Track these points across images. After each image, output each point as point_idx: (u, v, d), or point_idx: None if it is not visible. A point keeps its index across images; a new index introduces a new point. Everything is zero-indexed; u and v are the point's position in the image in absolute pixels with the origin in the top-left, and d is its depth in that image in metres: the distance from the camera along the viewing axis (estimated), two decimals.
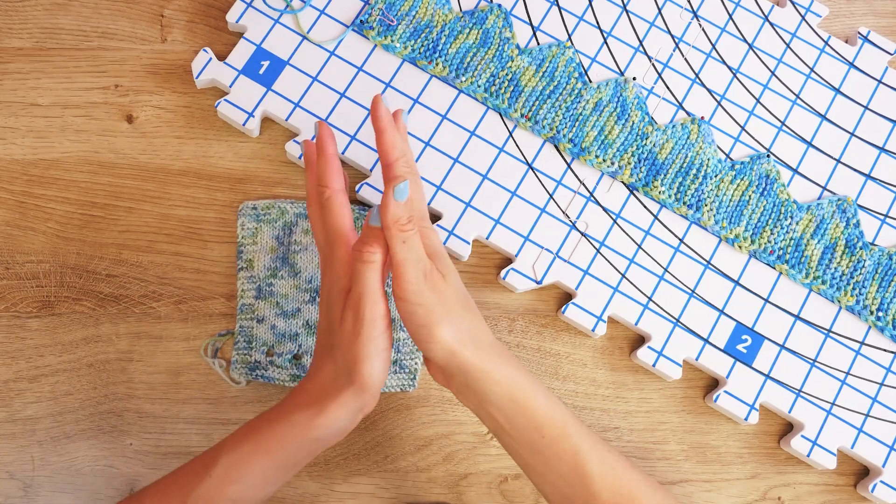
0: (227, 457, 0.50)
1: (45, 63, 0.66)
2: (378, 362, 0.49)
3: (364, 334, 0.49)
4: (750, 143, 0.65)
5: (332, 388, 0.50)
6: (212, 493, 0.49)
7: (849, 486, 0.62)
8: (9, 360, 0.61)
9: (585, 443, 0.50)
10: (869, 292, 0.63)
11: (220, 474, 0.49)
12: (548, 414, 0.50)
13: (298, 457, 0.51)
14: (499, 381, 0.50)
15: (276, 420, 0.50)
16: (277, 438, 0.50)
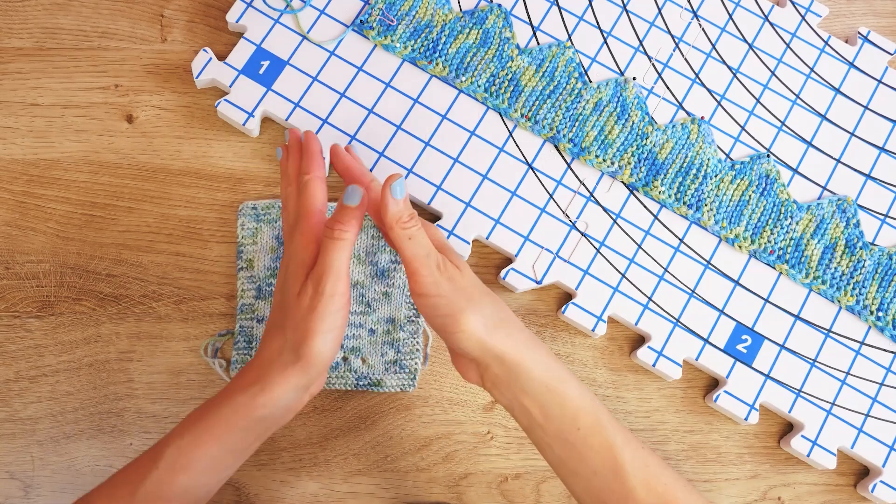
0: (174, 446, 0.49)
1: (45, 63, 0.66)
2: (329, 339, 0.48)
3: (320, 308, 0.48)
4: (750, 143, 0.65)
5: (277, 365, 0.49)
6: (161, 485, 0.48)
7: (849, 486, 0.62)
8: (9, 360, 0.61)
9: (620, 437, 0.49)
10: (869, 292, 0.63)
11: (168, 465, 0.48)
12: (582, 404, 0.49)
13: (247, 439, 0.50)
14: (533, 367, 0.49)
15: (221, 403, 0.49)
16: (223, 422, 0.49)
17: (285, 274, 0.51)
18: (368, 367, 0.61)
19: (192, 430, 0.49)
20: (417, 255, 0.49)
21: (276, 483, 0.60)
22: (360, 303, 0.62)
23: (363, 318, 0.62)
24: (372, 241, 0.62)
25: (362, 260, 0.62)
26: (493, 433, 0.62)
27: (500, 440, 0.62)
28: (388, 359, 0.61)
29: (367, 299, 0.62)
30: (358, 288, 0.62)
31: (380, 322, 0.62)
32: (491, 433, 0.62)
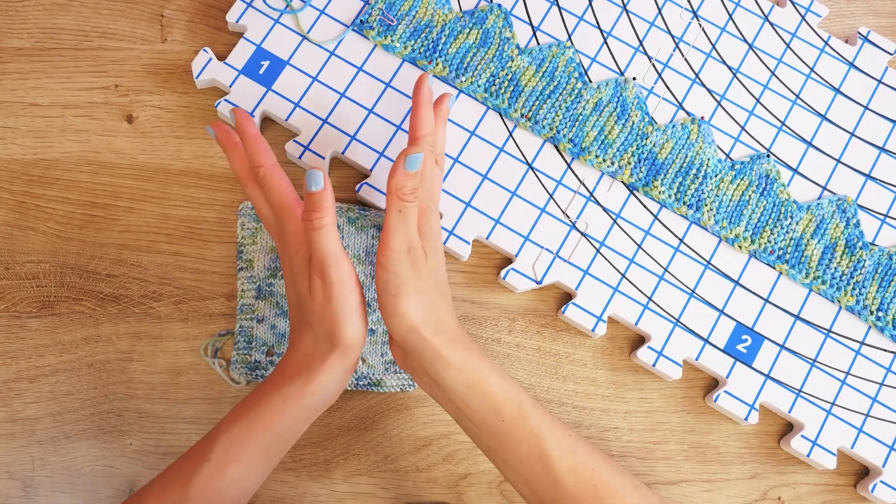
0: (224, 437, 0.49)
1: (45, 63, 0.66)
2: (355, 319, 0.50)
3: (335, 296, 0.49)
4: (750, 143, 0.65)
5: (316, 355, 0.50)
6: (213, 477, 0.49)
7: (849, 486, 0.62)
8: (9, 360, 0.61)
9: (545, 426, 0.50)
10: (869, 292, 0.63)
11: (220, 457, 0.49)
12: (505, 397, 0.50)
13: (295, 427, 0.51)
14: (453, 364, 0.50)
15: (268, 394, 0.50)
16: (272, 412, 0.50)
17: (291, 273, 0.52)
18: (368, 367, 0.61)
19: (242, 420, 0.50)
20: (396, 228, 0.50)
21: (276, 483, 0.60)
22: None
23: None
24: (372, 241, 0.62)
25: (362, 260, 0.62)
26: None
27: None
28: (388, 359, 0.61)
29: (367, 299, 0.62)
30: None
31: (380, 322, 0.61)
32: None
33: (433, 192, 0.55)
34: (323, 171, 0.49)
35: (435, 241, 0.53)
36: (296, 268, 0.51)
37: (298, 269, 0.51)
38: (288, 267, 0.52)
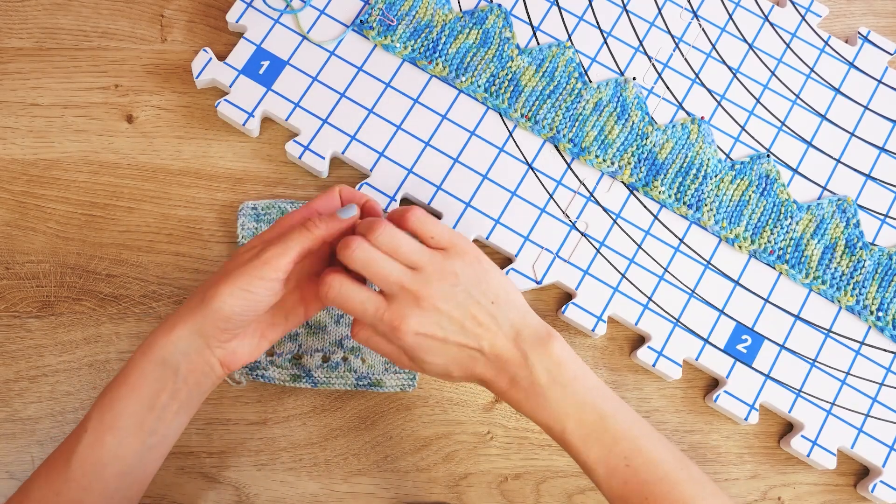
0: (97, 406, 0.49)
1: (45, 63, 0.66)
2: (238, 294, 0.48)
3: (248, 267, 0.48)
4: (750, 143, 0.65)
5: (181, 308, 0.50)
6: (93, 448, 0.48)
7: (849, 486, 0.62)
8: (9, 360, 0.61)
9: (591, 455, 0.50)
10: (869, 292, 0.63)
11: (95, 425, 0.48)
12: (547, 430, 0.51)
13: (161, 395, 0.49)
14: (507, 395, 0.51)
15: (133, 356, 0.50)
16: (133, 369, 0.49)
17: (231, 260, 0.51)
18: (368, 367, 0.61)
19: (109, 388, 0.49)
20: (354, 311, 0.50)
21: (276, 483, 0.60)
22: None
23: None
24: None
25: None
26: (493, 433, 0.62)
27: (500, 440, 0.62)
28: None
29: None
30: None
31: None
32: (491, 433, 0.62)
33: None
34: (357, 212, 0.51)
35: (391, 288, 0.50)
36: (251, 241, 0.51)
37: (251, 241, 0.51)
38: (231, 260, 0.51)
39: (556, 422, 0.50)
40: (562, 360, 0.50)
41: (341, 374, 0.61)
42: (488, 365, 0.50)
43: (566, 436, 0.50)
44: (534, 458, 0.61)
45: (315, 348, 0.61)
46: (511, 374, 0.50)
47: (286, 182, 0.64)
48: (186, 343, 0.49)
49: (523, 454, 0.61)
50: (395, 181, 0.63)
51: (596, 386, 0.51)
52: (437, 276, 0.50)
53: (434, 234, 0.51)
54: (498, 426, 0.62)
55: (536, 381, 0.50)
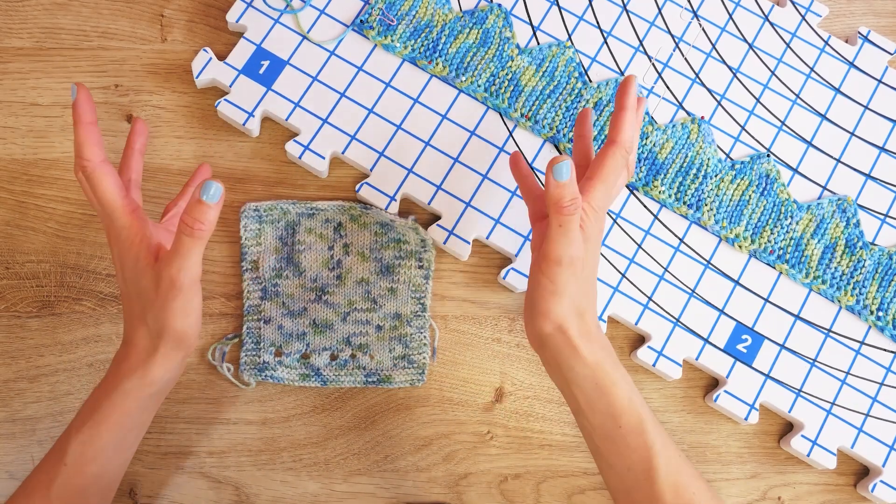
0: (76, 441, 0.50)
1: (45, 63, 0.66)
2: (194, 317, 0.50)
3: (181, 300, 0.49)
4: (750, 143, 0.65)
5: (151, 350, 0.50)
6: (73, 479, 0.50)
7: (849, 486, 0.62)
8: (9, 360, 0.61)
9: (659, 441, 0.50)
10: (869, 292, 0.63)
11: (75, 459, 0.50)
12: (629, 406, 0.50)
13: (143, 417, 0.52)
14: (587, 362, 0.51)
15: (110, 392, 0.51)
16: (117, 408, 0.50)
17: (131, 268, 0.50)
18: (377, 364, 0.61)
19: (88, 422, 0.50)
20: (557, 241, 0.50)
21: (276, 483, 0.60)
22: (366, 299, 0.62)
23: (370, 314, 0.62)
24: (375, 237, 0.62)
25: (367, 257, 0.62)
26: (493, 433, 0.62)
27: (500, 440, 0.62)
28: (396, 354, 0.61)
29: (372, 296, 0.62)
30: (363, 285, 0.62)
31: (386, 318, 0.62)
32: (491, 433, 0.62)
33: (609, 200, 0.54)
34: (223, 188, 0.47)
35: (595, 244, 0.53)
36: (139, 265, 0.50)
37: (142, 268, 0.50)
38: (121, 262, 0.51)
39: (637, 395, 0.51)
40: None
41: (350, 372, 0.61)
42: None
43: (645, 412, 0.51)
44: (534, 458, 0.61)
45: (323, 347, 0.61)
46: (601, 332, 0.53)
47: (286, 182, 0.64)
48: (172, 373, 0.52)
49: (523, 454, 0.61)
50: (395, 181, 0.63)
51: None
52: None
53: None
54: (498, 426, 0.62)
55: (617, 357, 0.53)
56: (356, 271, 0.62)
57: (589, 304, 0.52)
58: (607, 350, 0.52)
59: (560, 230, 0.49)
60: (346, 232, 0.62)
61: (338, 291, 0.62)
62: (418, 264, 0.62)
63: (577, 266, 0.50)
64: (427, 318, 0.62)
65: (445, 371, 0.62)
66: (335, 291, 0.62)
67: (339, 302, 0.62)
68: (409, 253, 0.62)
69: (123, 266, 0.51)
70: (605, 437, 0.51)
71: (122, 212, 0.50)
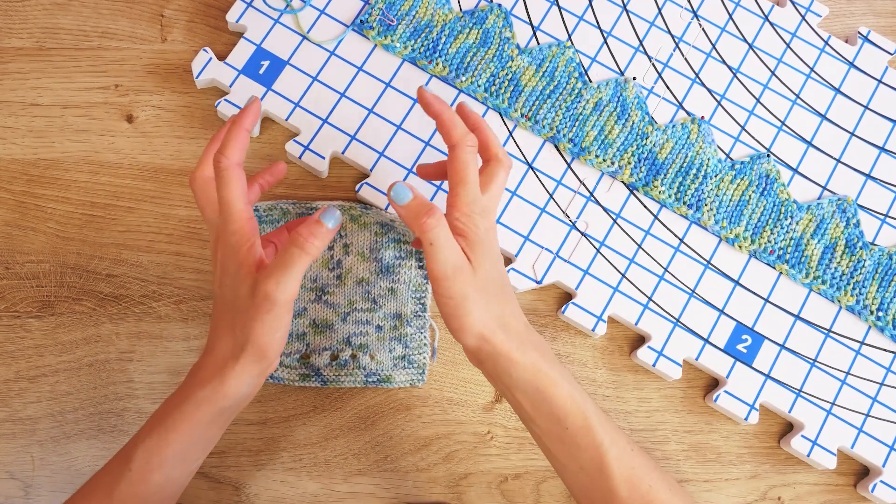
0: (143, 447, 0.50)
1: (45, 63, 0.66)
2: (280, 336, 0.49)
3: (275, 312, 0.48)
4: (750, 143, 0.65)
5: (230, 359, 0.50)
6: (136, 486, 0.49)
7: (849, 486, 0.62)
8: (9, 360, 0.61)
9: (608, 438, 0.50)
10: (869, 292, 0.63)
11: (140, 466, 0.49)
12: (572, 405, 0.50)
13: (212, 430, 0.51)
14: (522, 367, 0.50)
15: (183, 401, 0.50)
16: (187, 418, 0.50)
17: (232, 274, 0.50)
18: (377, 364, 0.61)
19: (157, 429, 0.50)
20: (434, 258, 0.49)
21: (276, 483, 0.60)
22: (366, 299, 0.62)
23: (370, 314, 0.62)
24: (375, 237, 0.62)
25: (367, 257, 0.62)
26: (493, 433, 0.62)
27: (500, 440, 0.62)
28: (396, 354, 0.61)
29: (372, 296, 0.62)
30: (363, 285, 0.62)
31: (386, 318, 0.62)
32: (491, 433, 0.62)
33: (475, 197, 0.52)
34: (341, 216, 0.49)
35: (483, 246, 0.52)
36: (241, 272, 0.50)
37: (244, 275, 0.49)
38: (223, 267, 0.51)
39: (580, 394, 0.51)
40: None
41: (350, 372, 0.61)
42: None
43: (590, 410, 0.50)
44: (534, 458, 0.61)
45: (323, 347, 0.61)
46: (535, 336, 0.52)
47: (286, 182, 0.64)
48: (249, 387, 0.50)
49: (523, 454, 0.61)
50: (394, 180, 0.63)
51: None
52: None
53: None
54: (498, 426, 0.62)
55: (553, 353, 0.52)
56: (356, 271, 0.62)
57: (505, 305, 0.52)
58: (541, 349, 0.51)
59: (431, 248, 0.49)
60: (345, 232, 0.62)
61: (338, 291, 0.62)
62: (419, 264, 0.62)
63: (465, 273, 0.50)
64: (427, 318, 0.62)
65: (445, 371, 0.62)
66: (335, 291, 0.62)
67: (339, 302, 0.62)
68: (410, 253, 0.62)
69: (225, 271, 0.51)
70: (554, 439, 0.51)
71: (239, 216, 0.50)
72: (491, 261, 0.52)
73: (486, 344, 0.50)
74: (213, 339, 0.51)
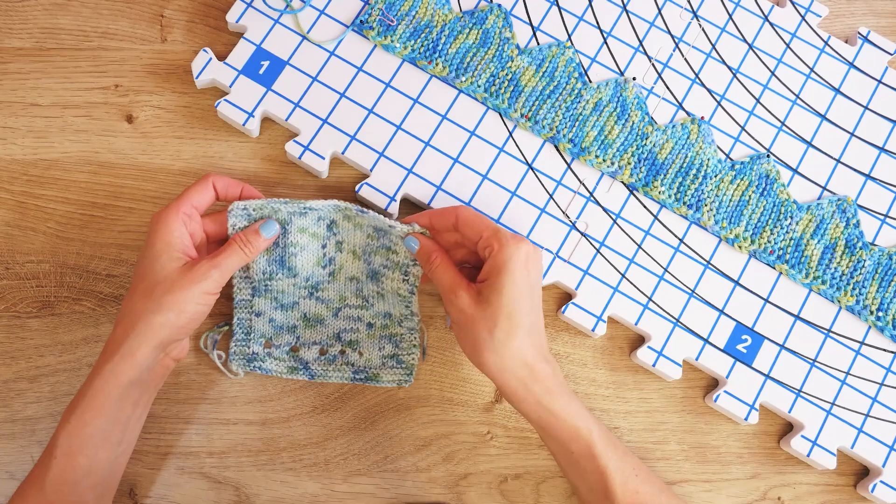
0: (63, 433, 0.51)
1: (45, 63, 0.66)
2: (185, 319, 0.53)
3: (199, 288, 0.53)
4: (750, 143, 0.65)
5: (130, 329, 0.52)
6: (65, 471, 0.51)
7: (849, 486, 0.62)
8: (9, 360, 0.61)
9: (612, 464, 0.52)
10: (869, 292, 0.63)
11: (64, 451, 0.51)
12: (575, 434, 0.53)
13: (125, 408, 0.53)
14: (529, 403, 0.53)
15: (93, 378, 0.52)
16: (98, 394, 0.52)
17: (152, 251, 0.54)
18: (365, 361, 0.61)
19: (74, 412, 0.52)
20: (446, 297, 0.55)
21: (276, 483, 0.60)
22: (358, 296, 0.62)
23: (361, 311, 0.62)
24: (368, 240, 0.62)
25: (358, 256, 0.62)
26: (493, 433, 0.62)
27: (500, 440, 0.62)
28: (385, 353, 0.61)
29: (364, 294, 0.62)
30: (355, 283, 0.62)
31: (378, 316, 0.61)
32: (491, 433, 0.62)
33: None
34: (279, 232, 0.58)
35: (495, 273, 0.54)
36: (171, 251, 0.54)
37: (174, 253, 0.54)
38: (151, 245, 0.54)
39: (584, 422, 0.53)
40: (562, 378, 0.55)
41: (338, 367, 0.61)
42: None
43: (594, 437, 0.52)
44: (534, 458, 0.61)
45: (313, 341, 0.61)
46: (539, 372, 0.53)
47: (286, 182, 0.64)
48: (151, 359, 0.53)
49: (523, 454, 0.61)
50: (395, 181, 0.63)
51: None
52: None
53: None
54: (498, 426, 0.62)
55: (562, 382, 0.54)
56: (348, 269, 0.62)
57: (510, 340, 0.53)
58: (545, 380, 0.53)
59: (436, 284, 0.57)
60: (339, 230, 0.61)
61: (330, 287, 0.62)
62: (403, 277, 0.60)
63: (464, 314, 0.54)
64: (417, 321, 0.61)
65: (445, 371, 0.62)
66: (327, 287, 0.62)
67: (332, 298, 0.62)
68: (396, 265, 0.60)
69: (152, 250, 0.53)
70: (564, 461, 0.54)
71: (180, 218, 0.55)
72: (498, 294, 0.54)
73: (496, 381, 0.54)
74: (119, 318, 0.53)
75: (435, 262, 0.57)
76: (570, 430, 0.53)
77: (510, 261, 0.53)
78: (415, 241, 0.57)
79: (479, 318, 0.53)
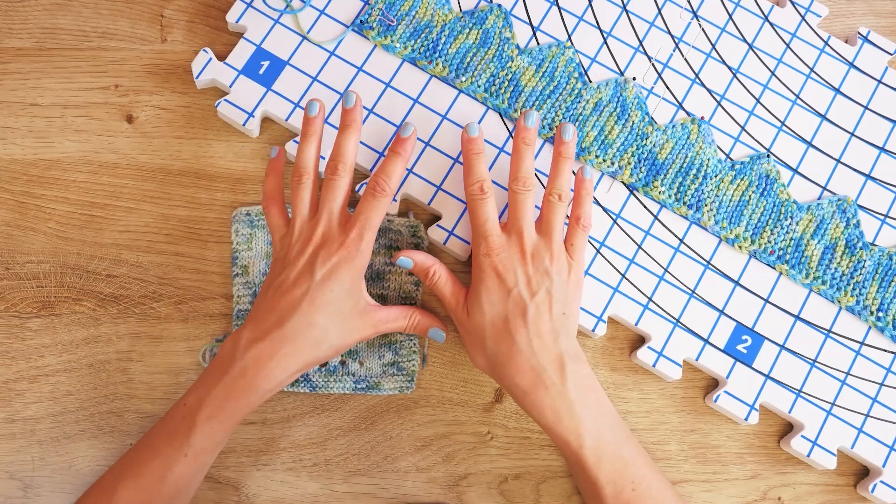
0: (204, 433, 0.52)
1: (45, 63, 0.66)
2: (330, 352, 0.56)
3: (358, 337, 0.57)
4: (750, 143, 0.65)
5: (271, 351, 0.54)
6: (189, 468, 0.52)
7: (849, 486, 0.62)
8: (9, 360, 0.61)
9: (603, 476, 0.53)
10: (869, 292, 0.63)
11: (196, 452, 0.52)
12: (578, 452, 0.53)
13: (251, 413, 0.57)
14: (524, 407, 0.55)
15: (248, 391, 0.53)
16: (244, 406, 0.53)
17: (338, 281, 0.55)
18: (366, 371, 0.61)
19: (218, 416, 0.53)
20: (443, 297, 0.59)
21: (276, 483, 0.60)
22: None
23: None
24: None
25: None
26: (493, 433, 0.62)
27: (500, 440, 0.62)
28: (385, 361, 0.61)
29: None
30: None
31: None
32: (491, 433, 0.62)
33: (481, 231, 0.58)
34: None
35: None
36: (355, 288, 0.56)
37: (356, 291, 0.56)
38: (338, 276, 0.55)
39: (575, 436, 0.53)
40: (589, 381, 0.55)
41: (339, 378, 0.61)
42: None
43: (583, 451, 0.53)
44: (534, 458, 0.61)
45: None
46: (542, 377, 0.54)
47: (286, 183, 0.64)
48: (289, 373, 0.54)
49: (523, 454, 0.61)
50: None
51: (612, 412, 0.55)
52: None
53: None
54: (498, 426, 0.62)
55: (567, 392, 0.53)
56: None
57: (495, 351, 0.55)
58: (550, 401, 0.54)
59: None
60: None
61: None
62: (409, 272, 0.61)
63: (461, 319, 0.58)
64: None
65: (445, 371, 0.62)
66: None
67: None
68: None
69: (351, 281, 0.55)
70: (573, 471, 0.56)
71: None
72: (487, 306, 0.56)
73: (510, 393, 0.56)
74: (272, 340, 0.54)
75: (433, 277, 0.58)
76: (559, 441, 0.54)
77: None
78: (408, 261, 0.58)
79: (471, 329, 0.57)
